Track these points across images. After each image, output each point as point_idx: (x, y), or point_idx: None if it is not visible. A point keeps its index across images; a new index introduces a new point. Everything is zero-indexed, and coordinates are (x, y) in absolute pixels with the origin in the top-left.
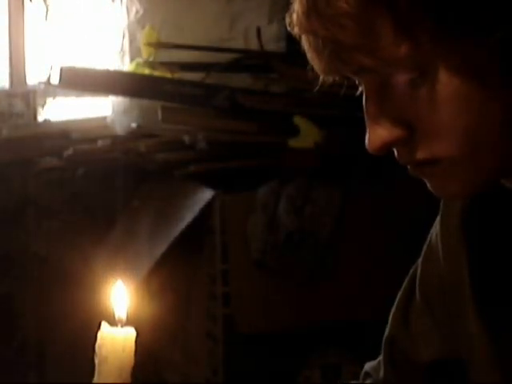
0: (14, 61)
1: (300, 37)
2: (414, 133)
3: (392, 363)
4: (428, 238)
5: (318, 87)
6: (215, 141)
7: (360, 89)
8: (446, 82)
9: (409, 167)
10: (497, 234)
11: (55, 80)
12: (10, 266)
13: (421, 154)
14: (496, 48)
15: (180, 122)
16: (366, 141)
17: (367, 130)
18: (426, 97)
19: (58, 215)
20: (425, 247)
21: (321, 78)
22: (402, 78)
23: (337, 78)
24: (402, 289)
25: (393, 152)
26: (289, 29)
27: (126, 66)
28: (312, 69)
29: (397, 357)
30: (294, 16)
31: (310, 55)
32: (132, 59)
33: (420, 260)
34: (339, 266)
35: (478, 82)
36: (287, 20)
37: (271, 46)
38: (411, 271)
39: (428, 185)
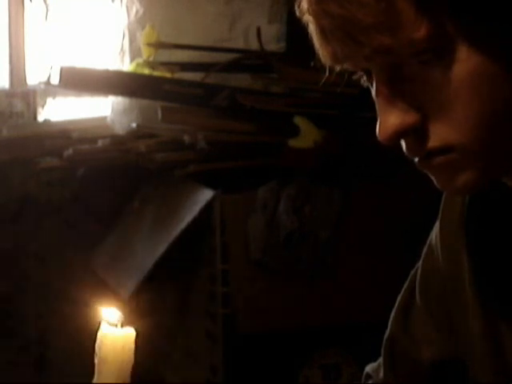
0: (13, 61)
1: (307, 25)
2: (427, 120)
3: (392, 364)
4: (428, 239)
5: (320, 85)
6: (215, 141)
7: (362, 82)
8: (463, 63)
9: (416, 160)
10: (497, 233)
11: (55, 80)
12: (10, 266)
13: (433, 142)
14: None
15: (180, 122)
16: (377, 130)
17: (378, 119)
18: (441, 79)
19: (58, 215)
20: (425, 248)
21: (322, 76)
22: (417, 60)
23: (344, 66)
24: (403, 290)
25: (394, 151)
26: (298, 15)
27: (126, 66)
28: (315, 65)
29: (397, 357)
30: (304, 2)
31: (320, 41)
32: (132, 59)
33: (420, 261)
34: (339, 266)
35: (494, 64)
36: (296, 8)
37: (271, 46)
38: (412, 272)
39: (435, 179)
